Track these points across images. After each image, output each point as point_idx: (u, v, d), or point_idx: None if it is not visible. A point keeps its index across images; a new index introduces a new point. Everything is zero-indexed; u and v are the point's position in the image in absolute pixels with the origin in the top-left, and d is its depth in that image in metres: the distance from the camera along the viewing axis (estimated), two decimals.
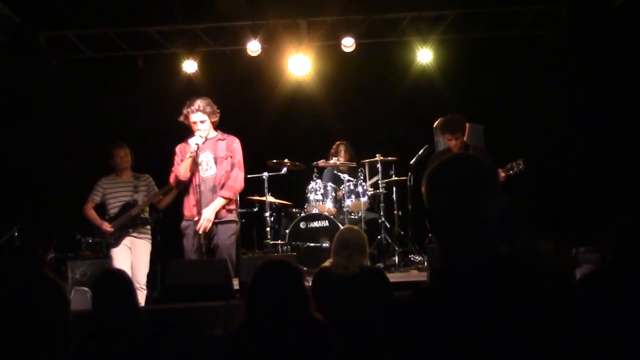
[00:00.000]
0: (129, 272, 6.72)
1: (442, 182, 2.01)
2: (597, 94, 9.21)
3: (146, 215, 8.07)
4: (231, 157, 7.29)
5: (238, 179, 7.30)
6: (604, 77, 9.12)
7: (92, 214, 7.94)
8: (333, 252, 5.26)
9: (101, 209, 7.99)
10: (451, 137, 7.36)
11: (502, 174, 7.09)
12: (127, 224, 7.86)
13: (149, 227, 8.09)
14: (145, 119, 9.57)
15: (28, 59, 9.59)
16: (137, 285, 7.08)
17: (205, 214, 7.03)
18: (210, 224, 7.03)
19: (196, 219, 7.03)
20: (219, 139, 7.32)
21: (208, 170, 7.19)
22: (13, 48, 9.09)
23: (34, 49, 9.68)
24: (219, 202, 7.13)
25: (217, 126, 7.38)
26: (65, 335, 1.72)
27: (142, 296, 7.49)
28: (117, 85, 10.03)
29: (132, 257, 7.88)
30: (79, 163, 8.15)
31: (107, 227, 7.81)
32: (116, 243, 7.83)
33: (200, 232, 6.99)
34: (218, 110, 7.29)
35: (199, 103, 7.13)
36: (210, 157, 7.25)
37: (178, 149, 7.39)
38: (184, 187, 7.32)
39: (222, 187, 7.21)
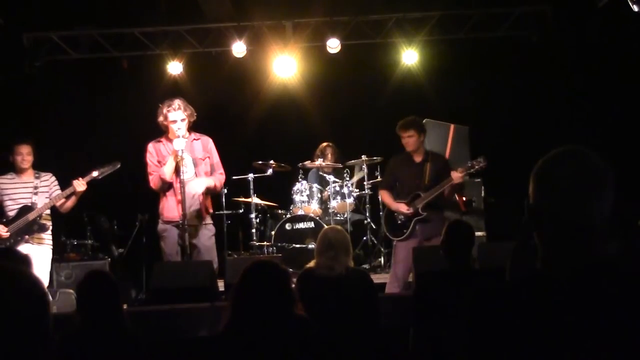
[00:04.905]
0: None
1: (555, 178, 1.87)
2: (583, 94, 9.26)
3: (46, 220, 7.31)
4: (209, 157, 7.31)
5: (222, 179, 7.41)
6: (589, 77, 9.18)
7: None
8: (317, 252, 5.24)
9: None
10: (404, 134, 7.35)
11: (461, 173, 7.17)
12: (23, 230, 7.13)
13: (48, 232, 7.33)
14: (130, 121, 9.54)
15: (12, 61, 9.53)
16: None
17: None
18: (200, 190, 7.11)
19: (180, 222, 7.02)
20: (195, 139, 7.29)
21: (187, 172, 7.11)
22: None
23: (17, 51, 9.63)
24: (209, 181, 7.22)
25: (193, 127, 7.35)
26: (44, 335, 1.71)
27: None
28: (101, 86, 10.01)
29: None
30: (63, 164, 8.08)
31: (1, 231, 7.05)
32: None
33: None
34: (195, 113, 7.27)
35: (178, 102, 7.11)
36: (188, 159, 7.20)
37: (152, 148, 7.28)
38: (162, 189, 7.24)
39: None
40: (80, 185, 7.06)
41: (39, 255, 7.20)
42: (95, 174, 7.13)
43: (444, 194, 7.29)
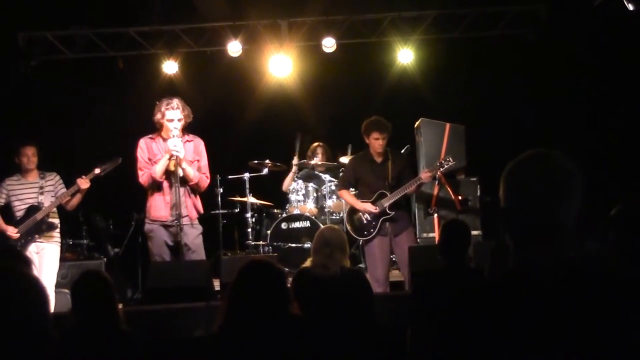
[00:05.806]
0: None
1: (524, 181, 1.91)
2: (579, 93, 9.26)
3: (54, 218, 7.47)
4: (198, 160, 7.27)
5: (205, 182, 7.33)
6: (585, 76, 9.18)
7: None
8: (313, 251, 5.24)
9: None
10: (379, 136, 7.40)
11: (430, 173, 7.39)
12: (32, 229, 7.30)
13: (57, 230, 7.49)
14: (126, 120, 9.52)
15: (7, 60, 9.51)
16: None
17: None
18: (179, 152, 6.95)
19: (171, 219, 7.01)
20: (187, 141, 7.26)
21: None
22: None
23: (13, 50, 9.60)
24: (190, 168, 7.08)
25: (188, 126, 7.32)
26: (45, 334, 1.70)
27: (52, 302, 6.75)
28: (97, 86, 9.98)
29: (40, 262, 7.29)
30: (59, 163, 8.06)
31: (12, 232, 7.21)
32: (22, 250, 7.13)
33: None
34: (192, 114, 7.24)
35: (177, 102, 7.09)
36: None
37: (144, 144, 7.26)
38: (151, 187, 7.20)
39: (191, 190, 7.21)
40: (84, 183, 7.18)
41: (48, 252, 7.39)
42: (97, 171, 7.23)
43: (410, 191, 7.48)
